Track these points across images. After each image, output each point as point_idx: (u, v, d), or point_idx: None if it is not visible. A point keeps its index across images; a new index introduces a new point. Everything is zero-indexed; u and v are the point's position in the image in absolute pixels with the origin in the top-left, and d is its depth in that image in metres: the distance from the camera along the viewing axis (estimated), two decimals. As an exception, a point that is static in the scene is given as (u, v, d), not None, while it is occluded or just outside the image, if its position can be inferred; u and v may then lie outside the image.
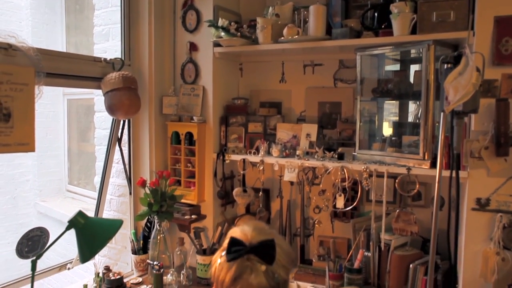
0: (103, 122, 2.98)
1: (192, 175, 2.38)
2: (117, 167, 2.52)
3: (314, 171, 2.29)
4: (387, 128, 2.18)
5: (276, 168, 2.22)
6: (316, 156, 2.13)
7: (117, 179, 2.56)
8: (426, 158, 1.82)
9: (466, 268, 1.76)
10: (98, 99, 3.06)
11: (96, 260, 2.48)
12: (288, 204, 2.42)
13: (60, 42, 4.42)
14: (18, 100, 1.64)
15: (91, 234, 1.59)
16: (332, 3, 2.08)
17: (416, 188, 1.91)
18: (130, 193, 2.49)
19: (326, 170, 2.06)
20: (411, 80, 2.03)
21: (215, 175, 2.38)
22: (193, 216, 2.36)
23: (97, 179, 3.18)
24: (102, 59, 2.18)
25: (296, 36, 2.07)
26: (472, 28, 1.70)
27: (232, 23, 2.19)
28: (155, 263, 2.02)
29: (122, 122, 2.40)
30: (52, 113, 4.45)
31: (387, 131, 2.16)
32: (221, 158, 2.35)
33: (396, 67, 2.18)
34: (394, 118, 2.18)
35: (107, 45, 2.82)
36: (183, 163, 2.37)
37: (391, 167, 1.92)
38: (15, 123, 1.63)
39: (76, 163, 4.52)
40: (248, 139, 2.37)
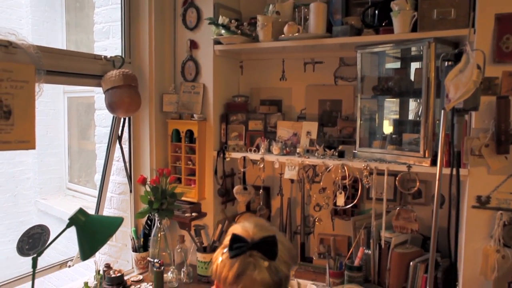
0: (103, 120, 2.98)
1: (192, 173, 2.38)
2: (117, 165, 2.52)
3: (314, 169, 2.29)
4: (387, 126, 2.17)
5: (277, 166, 2.22)
6: (316, 154, 2.13)
7: (117, 177, 2.56)
8: (427, 155, 1.82)
9: (466, 265, 1.76)
10: (99, 97, 3.06)
11: (97, 257, 2.49)
12: (288, 202, 2.42)
13: (60, 40, 4.42)
14: (19, 97, 1.64)
15: (92, 231, 1.59)
16: (333, 0, 2.08)
17: (417, 185, 1.91)
18: (131, 191, 2.49)
19: (327, 168, 2.07)
20: (412, 78, 2.03)
21: (215, 173, 2.38)
22: (193, 214, 2.36)
23: (97, 177, 3.18)
24: (103, 56, 2.18)
25: (296, 34, 2.07)
26: (473, 25, 1.70)
27: (233, 21, 2.19)
28: (155, 260, 2.02)
29: (122, 120, 2.40)
30: (52, 111, 4.45)
31: (388, 129, 2.16)
32: (221, 156, 2.35)
33: (396, 64, 2.17)
34: (394, 116, 2.18)
35: (107, 42, 2.82)
36: (184, 161, 2.37)
37: (392, 165, 1.92)
38: (15, 121, 1.64)
39: (76, 161, 4.52)
40: (248, 137, 2.37)
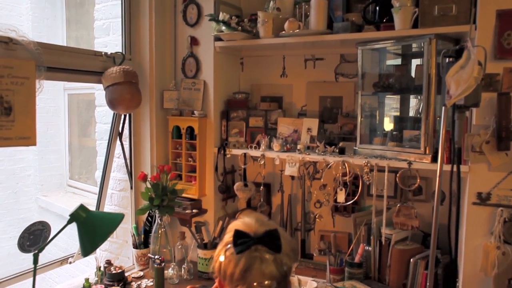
0: (104, 116, 2.98)
1: (193, 170, 2.38)
2: (118, 161, 2.52)
3: (315, 165, 2.29)
4: (388, 123, 2.17)
5: (277, 162, 2.22)
6: (317, 150, 2.13)
7: (118, 173, 2.57)
8: (427, 152, 1.82)
9: (466, 262, 1.76)
10: (99, 93, 3.06)
11: (98, 254, 2.48)
12: (289, 198, 2.42)
13: (61, 37, 4.41)
14: (19, 93, 1.64)
15: (93, 227, 1.59)
16: (333, -3, 2.07)
17: (417, 182, 1.91)
18: (131, 187, 2.49)
19: (327, 165, 2.06)
20: (413, 74, 2.02)
21: (216, 170, 2.39)
22: (194, 211, 2.36)
23: (98, 173, 3.19)
24: (103, 53, 2.18)
25: (297, 30, 2.06)
26: (474, 21, 1.69)
27: (233, 17, 2.18)
28: (156, 257, 2.02)
29: (123, 117, 2.40)
30: (53, 108, 4.45)
31: (388, 126, 2.16)
32: (222, 152, 2.35)
33: (397, 61, 2.17)
34: (395, 112, 2.18)
35: (107, 39, 2.81)
36: (184, 157, 2.38)
37: (392, 161, 1.92)
38: (16, 117, 1.63)
39: (77, 157, 4.52)
40: (249, 134, 2.37)
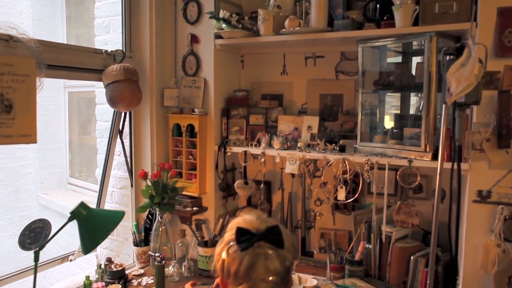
0: (104, 114, 2.98)
1: (193, 167, 2.38)
2: (118, 159, 2.52)
3: (315, 163, 2.28)
4: (388, 121, 2.17)
5: (278, 160, 2.22)
6: (317, 148, 2.13)
7: (118, 171, 2.57)
8: (428, 150, 1.82)
9: (466, 260, 1.76)
10: (99, 91, 3.06)
11: (98, 252, 2.49)
12: (289, 196, 2.42)
13: (61, 34, 4.41)
14: (20, 91, 1.64)
15: (93, 225, 1.59)
16: (334, -6, 2.07)
17: (418, 180, 1.91)
18: (132, 185, 2.49)
19: (328, 163, 2.06)
20: (413, 72, 2.02)
21: (216, 167, 2.39)
22: (194, 208, 2.36)
23: (98, 171, 3.18)
24: (103, 51, 2.17)
25: (297, 28, 2.06)
26: (475, 19, 1.69)
27: (233, 15, 2.18)
28: (156, 255, 2.03)
29: (123, 114, 2.40)
30: (53, 106, 4.45)
31: (389, 124, 2.15)
32: (222, 150, 2.35)
33: (398, 59, 2.17)
34: (395, 110, 2.18)
35: (108, 37, 2.81)
36: (185, 155, 2.38)
37: (393, 159, 1.92)
38: (16, 115, 1.63)
39: (77, 155, 4.52)
40: (249, 131, 2.37)
